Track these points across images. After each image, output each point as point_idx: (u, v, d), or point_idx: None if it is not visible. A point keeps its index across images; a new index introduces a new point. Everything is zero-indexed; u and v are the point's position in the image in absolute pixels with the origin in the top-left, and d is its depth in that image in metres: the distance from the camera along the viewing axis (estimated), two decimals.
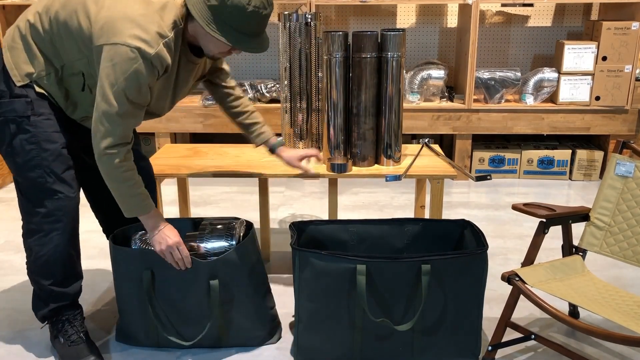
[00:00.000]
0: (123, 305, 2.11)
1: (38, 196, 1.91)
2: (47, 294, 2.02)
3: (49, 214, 1.91)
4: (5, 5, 3.86)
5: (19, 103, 1.85)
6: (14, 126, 1.86)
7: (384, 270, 1.89)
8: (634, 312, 1.82)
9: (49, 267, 1.97)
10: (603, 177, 2.15)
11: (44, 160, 1.88)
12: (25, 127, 1.86)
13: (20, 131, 1.86)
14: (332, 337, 1.97)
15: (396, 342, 1.97)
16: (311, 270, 1.92)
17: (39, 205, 1.91)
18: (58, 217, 1.92)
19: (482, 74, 3.85)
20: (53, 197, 1.90)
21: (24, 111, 1.85)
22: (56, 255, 1.96)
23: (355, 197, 3.72)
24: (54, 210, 1.91)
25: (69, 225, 1.95)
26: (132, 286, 2.04)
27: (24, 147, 1.87)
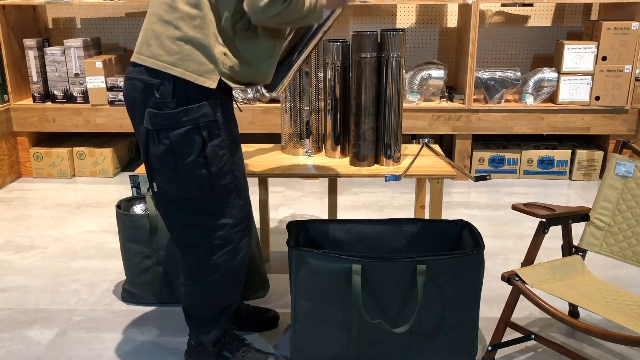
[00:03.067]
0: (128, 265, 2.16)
1: (223, 208, 1.77)
2: (220, 312, 1.90)
3: (237, 223, 1.80)
4: (5, 5, 3.86)
5: (207, 106, 1.67)
6: (205, 132, 1.68)
7: (380, 270, 1.89)
8: (634, 312, 1.82)
9: (236, 277, 1.88)
10: (603, 177, 2.15)
11: (233, 164, 1.76)
12: (216, 131, 1.70)
13: (212, 137, 1.70)
14: (328, 337, 1.97)
15: (392, 342, 1.97)
16: (307, 269, 1.92)
17: (226, 216, 1.78)
18: (246, 223, 1.83)
19: (482, 74, 3.85)
20: (242, 203, 1.80)
21: (213, 114, 1.69)
22: (245, 264, 1.88)
23: (355, 197, 3.72)
24: (244, 217, 1.82)
25: (253, 227, 1.87)
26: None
27: (216, 153, 1.71)
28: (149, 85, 1.67)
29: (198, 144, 1.68)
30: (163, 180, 1.76)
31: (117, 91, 3.92)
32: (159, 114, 1.67)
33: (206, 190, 1.73)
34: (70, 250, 2.97)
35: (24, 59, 4.05)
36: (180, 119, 1.66)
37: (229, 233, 1.79)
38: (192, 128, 1.67)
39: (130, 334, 2.25)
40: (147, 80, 1.68)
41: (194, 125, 1.67)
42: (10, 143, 4.01)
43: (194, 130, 1.67)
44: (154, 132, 1.69)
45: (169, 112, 1.66)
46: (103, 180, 4.05)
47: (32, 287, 2.60)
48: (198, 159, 1.69)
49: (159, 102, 1.66)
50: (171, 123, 1.67)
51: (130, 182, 2.76)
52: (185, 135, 1.67)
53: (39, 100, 4.02)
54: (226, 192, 1.76)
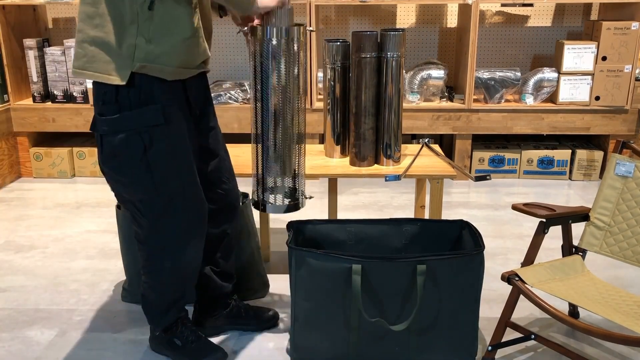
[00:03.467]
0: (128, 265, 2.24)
1: (173, 210, 1.79)
2: (169, 305, 1.97)
3: (186, 225, 1.84)
4: (5, 5, 3.86)
5: (148, 112, 1.67)
6: (146, 138, 1.68)
7: (380, 270, 1.89)
8: (634, 312, 1.82)
9: (184, 277, 1.94)
10: (603, 177, 2.15)
11: (179, 169, 1.77)
12: (159, 137, 1.70)
13: (154, 142, 1.70)
14: (328, 336, 1.97)
15: (392, 342, 1.97)
16: (307, 269, 1.92)
17: (174, 219, 1.81)
18: (199, 222, 1.87)
19: (482, 74, 3.85)
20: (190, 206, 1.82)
21: (156, 119, 1.68)
22: (194, 263, 1.92)
23: (355, 197, 3.72)
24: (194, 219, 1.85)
25: (205, 227, 1.89)
26: None
27: (160, 159, 1.72)
28: (96, 92, 1.70)
29: (140, 149, 1.69)
30: (112, 184, 1.81)
31: None
32: (101, 120, 1.69)
33: (151, 195, 1.76)
34: (70, 250, 2.97)
35: (24, 59, 4.05)
36: (121, 124, 1.67)
37: (178, 234, 1.83)
38: (133, 133, 1.68)
39: (130, 334, 2.25)
40: (95, 88, 1.71)
41: (134, 130, 1.68)
42: (10, 143, 4.01)
43: (134, 136, 1.68)
44: (99, 136, 1.72)
45: (111, 117, 1.68)
46: (103, 180, 4.03)
47: (32, 287, 2.60)
48: (140, 164, 1.70)
49: (103, 108, 1.69)
50: (112, 128, 1.68)
51: None
52: (126, 141, 1.68)
53: (39, 100, 4.02)
54: (174, 195, 1.77)
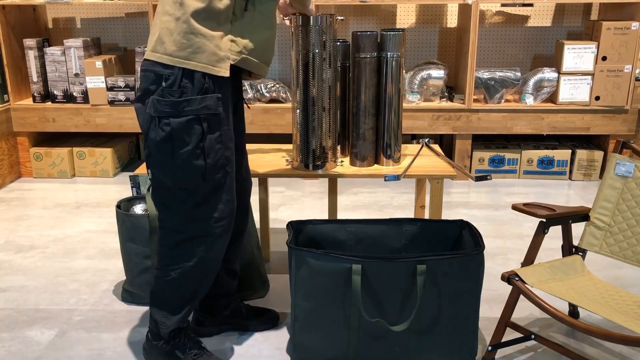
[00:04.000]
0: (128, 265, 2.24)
1: (213, 200, 1.80)
2: (183, 303, 1.92)
3: (222, 217, 1.83)
4: (5, 5, 3.86)
5: (210, 99, 1.72)
6: (205, 124, 1.72)
7: (380, 270, 1.89)
8: (634, 312, 1.82)
9: (208, 270, 1.91)
10: (603, 177, 2.15)
11: (226, 160, 1.80)
12: (215, 125, 1.74)
13: (211, 129, 1.74)
14: (328, 336, 1.97)
15: (392, 342, 1.97)
16: (307, 269, 1.92)
17: (213, 209, 1.81)
18: (229, 219, 1.86)
19: (482, 74, 3.85)
20: (228, 198, 1.83)
21: (215, 108, 1.73)
22: (220, 257, 1.91)
23: (355, 197, 3.72)
24: (228, 212, 1.84)
25: (233, 222, 1.89)
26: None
27: (213, 146, 1.75)
28: (159, 75, 1.71)
29: (197, 134, 1.72)
30: (158, 167, 1.79)
31: (117, 91, 3.92)
32: (162, 101, 1.71)
33: (199, 181, 1.77)
34: (70, 250, 2.97)
35: (24, 59, 4.05)
36: (183, 108, 1.70)
37: (212, 226, 1.82)
38: (194, 118, 1.71)
39: (130, 334, 2.25)
40: (158, 71, 1.72)
41: (196, 115, 1.70)
42: (10, 143, 4.01)
43: (194, 121, 1.71)
44: (156, 118, 1.73)
45: (173, 100, 1.70)
46: (103, 180, 4.05)
47: (32, 287, 2.60)
48: (196, 149, 1.73)
49: (165, 91, 1.70)
50: (173, 111, 1.70)
51: (130, 182, 2.76)
52: (186, 125, 1.71)
53: (39, 100, 4.02)
54: (217, 185, 1.79)
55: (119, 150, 4.22)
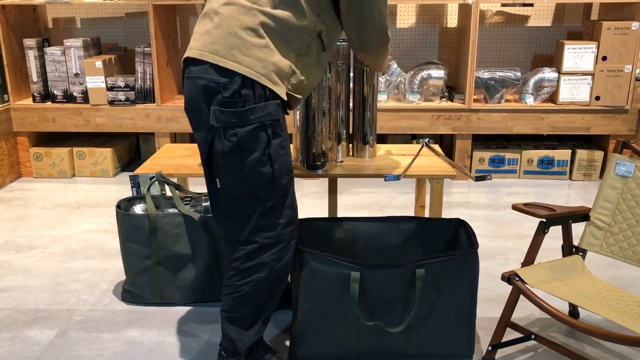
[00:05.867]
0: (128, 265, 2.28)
1: (281, 206, 1.80)
2: (258, 315, 1.89)
3: (289, 223, 1.83)
4: (5, 5, 3.86)
5: (272, 106, 1.72)
6: (270, 131, 1.72)
7: (378, 277, 1.91)
8: (634, 312, 1.82)
9: (281, 278, 1.88)
10: (603, 177, 2.15)
11: (290, 165, 1.81)
12: (278, 131, 1.75)
13: (275, 135, 1.74)
14: (328, 337, 1.98)
15: (391, 343, 1.98)
16: (308, 270, 1.93)
17: (281, 215, 1.81)
18: (296, 223, 1.87)
19: (482, 73, 3.85)
20: (293, 204, 1.84)
21: (277, 114, 1.73)
22: (291, 264, 1.89)
23: (355, 197, 3.71)
24: (294, 218, 1.85)
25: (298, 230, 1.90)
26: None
27: (278, 152, 1.75)
28: (216, 84, 1.69)
29: (263, 141, 1.72)
30: (227, 177, 1.78)
31: (117, 91, 3.92)
32: (226, 112, 1.69)
33: (268, 188, 1.76)
34: (70, 250, 2.97)
35: (24, 59, 4.05)
36: (248, 117, 1.69)
37: (280, 233, 1.81)
38: (259, 126, 1.70)
39: (130, 334, 2.25)
40: (213, 79, 1.69)
41: (261, 123, 1.70)
42: (10, 143, 4.01)
43: (260, 128, 1.70)
44: (220, 129, 1.71)
45: (237, 110, 1.68)
46: (103, 180, 4.05)
47: (32, 287, 2.60)
48: (262, 156, 1.72)
49: (227, 101, 1.69)
50: (239, 121, 1.69)
51: (130, 182, 2.76)
52: (252, 133, 1.70)
53: (39, 100, 4.02)
54: (284, 191, 1.80)
55: (119, 150, 4.22)
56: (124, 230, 2.36)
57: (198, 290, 2.40)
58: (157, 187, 2.47)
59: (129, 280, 2.43)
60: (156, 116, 3.95)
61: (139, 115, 3.96)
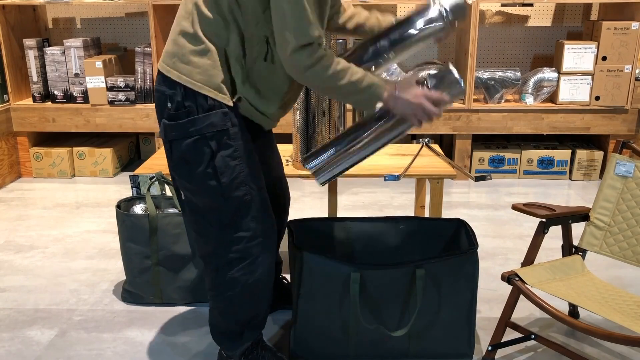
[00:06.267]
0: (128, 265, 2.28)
1: (240, 222, 1.71)
2: (243, 327, 1.85)
3: (255, 236, 1.73)
4: (5, 5, 3.86)
5: (215, 116, 1.63)
6: (214, 143, 1.65)
7: (378, 277, 1.91)
8: (634, 312, 1.82)
9: (257, 294, 1.80)
10: (603, 177, 2.15)
11: (248, 176, 1.69)
12: (227, 141, 1.66)
13: (222, 147, 1.66)
14: (328, 338, 1.98)
15: (391, 343, 1.98)
16: (308, 270, 1.93)
17: (243, 229, 1.71)
18: (268, 234, 1.76)
19: (482, 73, 3.85)
20: (258, 215, 1.72)
21: (222, 124, 1.64)
22: (266, 278, 1.79)
23: (355, 197, 3.71)
24: (262, 229, 1.74)
25: (274, 241, 1.79)
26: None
27: (227, 164, 1.66)
28: (165, 96, 1.68)
29: (207, 154, 1.66)
30: (182, 190, 1.76)
31: (117, 91, 3.92)
32: (170, 125, 1.68)
33: (220, 202, 1.70)
34: (70, 250, 2.97)
35: (24, 59, 4.05)
36: (188, 129, 1.65)
37: (245, 247, 1.73)
38: (200, 138, 1.65)
39: (130, 334, 2.25)
40: (163, 90, 1.69)
41: (201, 135, 1.65)
42: (10, 143, 4.01)
43: (201, 141, 1.65)
44: (168, 142, 1.70)
45: (179, 122, 1.66)
46: (103, 180, 4.05)
47: (32, 287, 2.60)
48: (207, 169, 1.67)
49: (172, 114, 1.67)
50: (180, 134, 1.66)
51: (130, 182, 2.76)
52: (193, 146, 1.66)
53: (39, 100, 4.02)
54: (242, 204, 1.71)
55: (119, 150, 4.22)
56: (124, 230, 2.36)
57: (198, 290, 2.40)
58: (157, 187, 2.47)
59: (129, 280, 2.43)
60: (156, 116, 3.95)
61: (139, 115, 3.96)
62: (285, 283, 2.38)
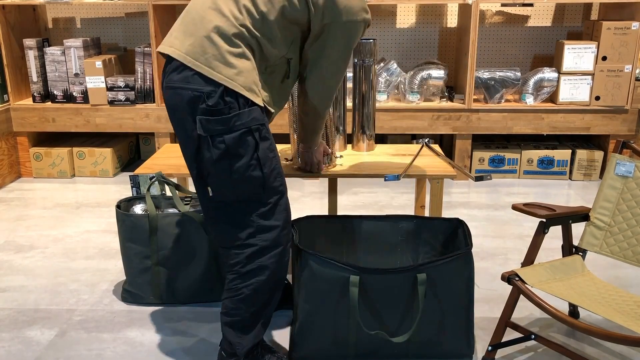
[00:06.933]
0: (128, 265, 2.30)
1: (275, 209, 1.82)
2: (265, 315, 1.90)
3: (285, 226, 1.84)
4: (5, 5, 3.86)
5: (256, 111, 1.75)
6: (257, 135, 1.75)
7: (379, 282, 1.91)
8: (634, 312, 1.82)
9: (279, 284, 1.89)
10: (603, 177, 2.15)
11: (281, 168, 1.84)
12: (265, 134, 1.78)
13: (262, 139, 1.77)
14: (328, 339, 1.98)
15: (391, 344, 1.98)
16: (309, 272, 1.93)
17: (277, 218, 1.82)
18: (290, 228, 1.88)
19: (482, 73, 3.85)
20: (287, 206, 1.86)
21: (262, 118, 1.77)
22: (286, 269, 1.89)
23: (355, 197, 3.71)
24: (289, 220, 1.87)
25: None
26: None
27: (267, 155, 1.78)
28: (200, 93, 1.70)
29: (251, 146, 1.74)
30: (219, 184, 1.78)
31: (117, 91, 3.92)
32: (212, 120, 1.70)
33: (259, 192, 1.78)
34: (70, 250, 2.97)
35: (24, 59, 4.05)
36: (234, 123, 1.71)
37: (278, 235, 1.82)
38: (246, 131, 1.73)
39: (130, 334, 2.25)
40: (197, 88, 1.71)
41: (247, 128, 1.72)
42: (10, 143, 4.01)
43: (247, 134, 1.73)
44: (208, 137, 1.72)
45: (223, 117, 1.70)
46: (103, 180, 4.05)
47: (32, 287, 2.60)
48: (251, 161, 1.74)
49: (211, 109, 1.70)
50: (225, 127, 1.71)
51: (130, 182, 2.76)
52: (239, 139, 1.72)
53: (39, 100, 4.02)
54: (277, 194, 1.81)
55: (119, 150, 4.22)
56: (124, 230, 2.36)
57: (198, 290, 2.40)
58: (157, 187, 2.47)
59: (129, 280, 2.43)
60: (156, 116, 3.95)
61: (139, 115, 3.96)
62: (286, 283, 2.38)
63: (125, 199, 2.46)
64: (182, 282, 2.39)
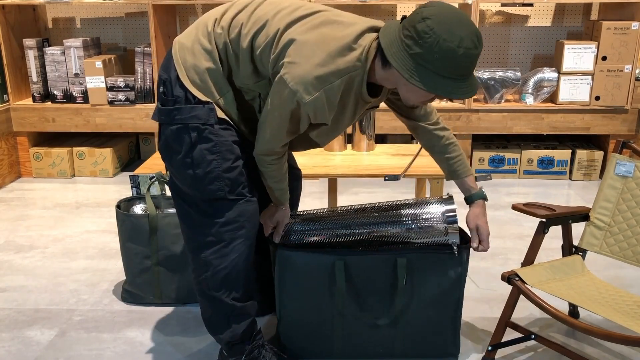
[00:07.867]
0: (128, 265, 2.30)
1: (215, 207, 1.76)
2: (229, 312, 1.87)
3: (230, 222, 1.77)
4: (5, 5, 3.86)
5: (201, 109, 1.68)
6: (194, 134, 1.70)
7: (362, 264, 1.91)
8: (634, 312, 1.82)
9: (231, 280, 1.82)
10: (603, 177, 2.15)
11: (224, 172, 1.73)
12: (207, 135, 1.70)
13: (202, 140, 1.70)
14: (314, 334, 2.00)
15: (377, 339, 1.99)
16: (286, 266, 1.93)
17: (217, 215, 1.76)
18: (240, 223, 1.78)
19: (482, 73, 3.85)
20: (233, 205, 1.76)
21: (206, 118, 1.69)
22: (239, 266, 1.81)
23: (355, 197, 3.71)
24: (236, 217, 1.77)
25: (251, 231, 1.81)
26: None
27: (204, 157, 1.71)
28: (161, 80, 1.74)
29: (186, 144, 1.72)
30: (169, 172, 1.83)
31: (117, 91, 3.92)
32: (160, 109, 1.74)
33: (193, 191, 1.76)
34: (70, 250, 2.97)
35: (23, 59, 4.05)
36: (174, 117, 1.71)
37: (218, 231, 1.77)
38: (182, 127, 1.71)
39: (130, 334, 2.25)
40: (160, 74, 1.74)
41: (184, 125, 1.70)
42: (10, 143, 4.01)
43: (183, 130, 1.71)
44: (159, 125, 1.78)
45: (166, 108, 1.72)
46: (103, 180, 4.05)
47: (32, 287, 2.60)
48: (185, 158, 1.72)
49: (162, 98, 1.73)
50: (167, 119, 1.73)
51: (130, 182, 2.76)
52: (176, 133, 1.72)
53: (39, 100, 4.02)
54: (214, 198, 1.75)
55: (119, 150, 4.22)
56: (124, 230, 2.36)
57: None
58: (157, 187, 2.47)
59: (129, 280, 2.43)
60: None
61: (139, 115, 3.96)
62: (269, 288, 2.36)
63: (125, 199, 2.46)
64: (182, 282, 2.39)
